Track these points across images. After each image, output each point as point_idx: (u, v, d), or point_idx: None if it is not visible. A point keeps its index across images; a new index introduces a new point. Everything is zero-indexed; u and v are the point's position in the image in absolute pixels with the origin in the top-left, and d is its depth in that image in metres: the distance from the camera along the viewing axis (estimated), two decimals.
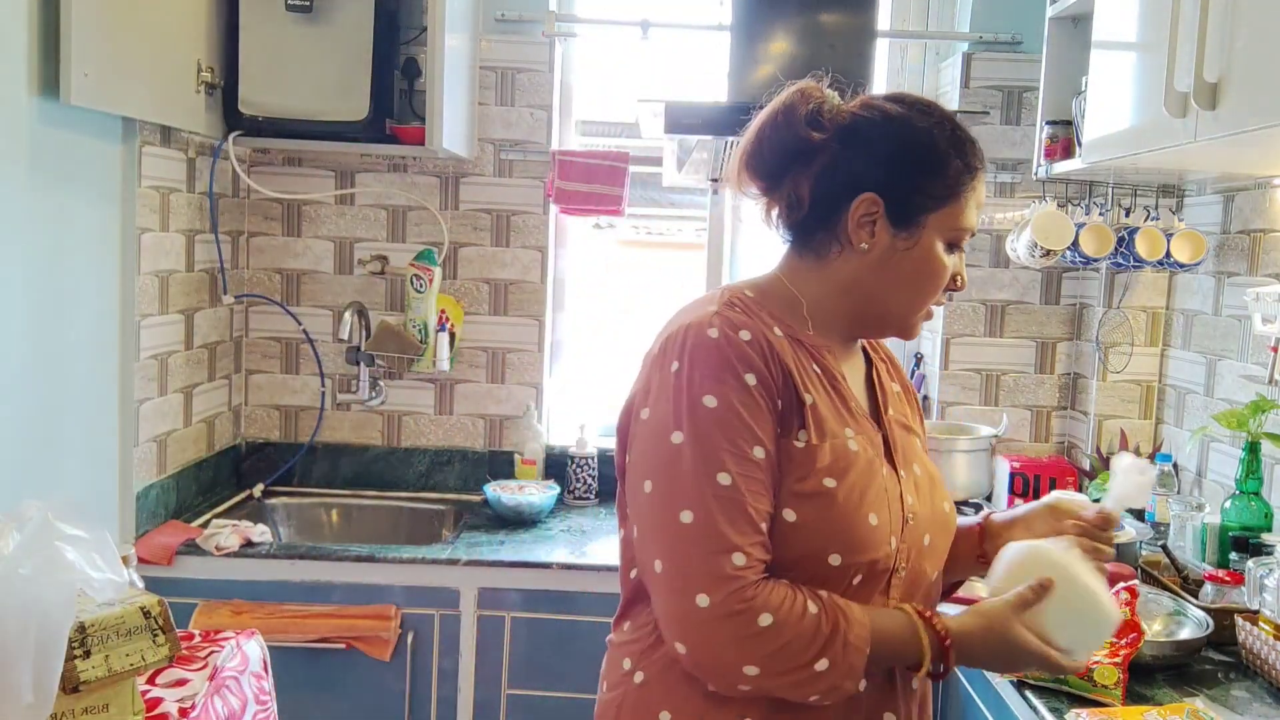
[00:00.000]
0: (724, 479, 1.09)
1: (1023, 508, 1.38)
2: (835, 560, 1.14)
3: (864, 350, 1.33)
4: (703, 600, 1.07)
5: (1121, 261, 2.46)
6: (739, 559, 1.08)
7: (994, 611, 1.18)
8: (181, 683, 1.45)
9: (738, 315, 1.17)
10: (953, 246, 1.21)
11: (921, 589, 1.25)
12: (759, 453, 1.11)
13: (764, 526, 1.11)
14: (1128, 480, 1.34)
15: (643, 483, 1.14)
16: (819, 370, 1.20)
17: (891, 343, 1.41)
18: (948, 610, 1.24)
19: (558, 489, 2.69)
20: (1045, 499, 1.37)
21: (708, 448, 1.10)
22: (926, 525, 1.25)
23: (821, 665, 1.08)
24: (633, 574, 1.23)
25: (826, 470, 1.14)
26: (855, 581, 1.17)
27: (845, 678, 1.10)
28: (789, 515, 1.13)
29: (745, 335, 1.15)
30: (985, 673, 1.87)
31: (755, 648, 1.07)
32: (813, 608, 1.09)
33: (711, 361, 1.12)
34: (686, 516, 1.09)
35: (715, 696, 1.15)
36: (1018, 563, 1.22)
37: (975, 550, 1.36)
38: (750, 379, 1.12)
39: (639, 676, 1.21)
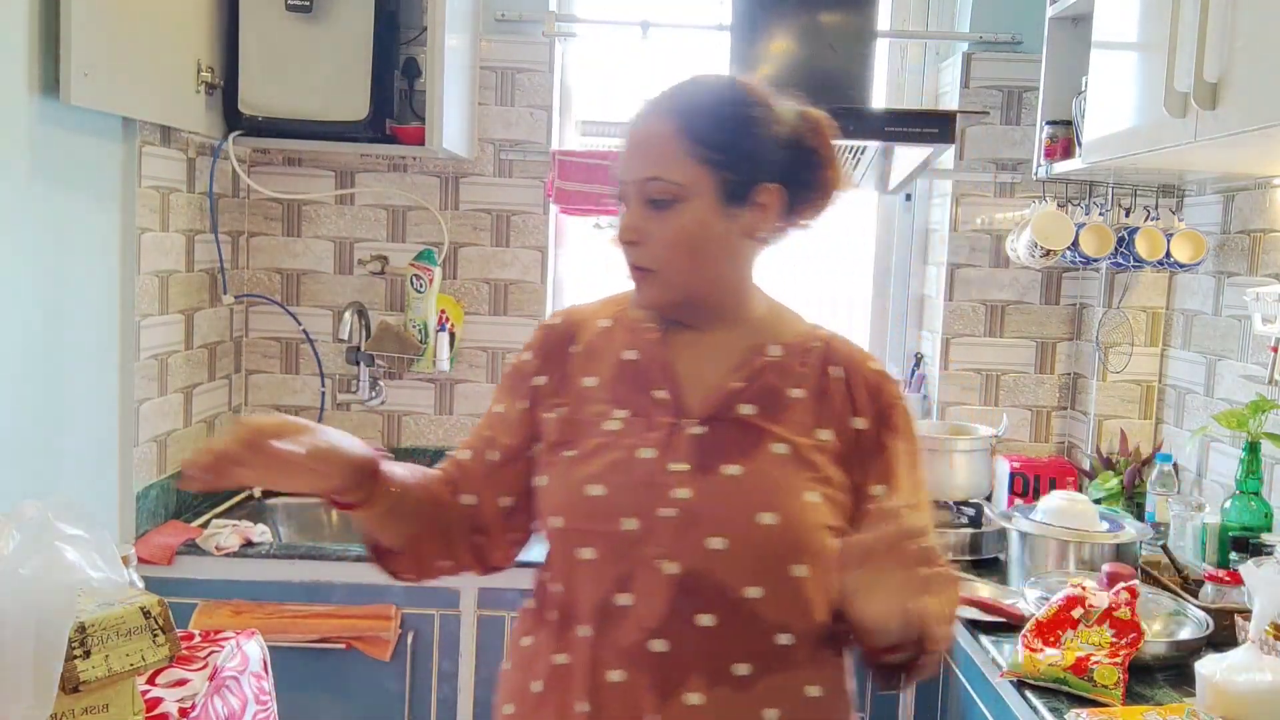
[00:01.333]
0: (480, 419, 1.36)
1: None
2: (557, 523, 1.23)
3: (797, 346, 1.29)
4: None
5: (1121, 261, 2.46)
6: (442, 461, 1.35)
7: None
8: (181, 683, 1.45)
9: (581, 306, 1.37)
10: (620, 199, 1.25)
11: (728, 603, 1.17)
12: (498, 408, 1.33)
13: (467, 452, 1.32)
14: None
15: None
16: (635, 355, 1.27)
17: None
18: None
19: None
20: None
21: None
22: (713, 527, 1.17)
23: None
24: None
25: (570, 442, 1.24)
26: (587, 556, 1.20)
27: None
28: (539, 480, 1.27)
29: (556, 320, 1.35)
30: (985, 672, 1.87)
31: None
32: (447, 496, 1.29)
33: (527, 339, 1.36)
34: None
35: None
36: None
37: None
38: (526, 356, 1.33)
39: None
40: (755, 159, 1.22)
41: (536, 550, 1.33)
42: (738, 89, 1.25)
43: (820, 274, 3.14)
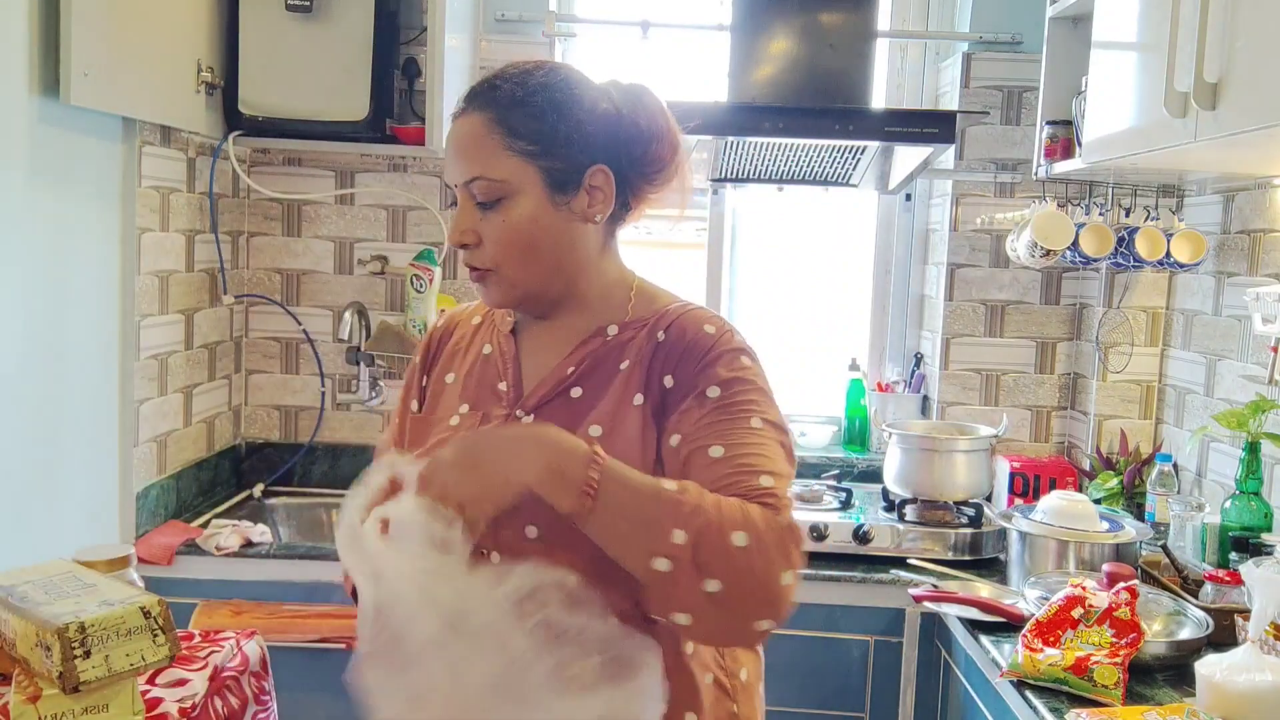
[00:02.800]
0: None
1: None
2: None
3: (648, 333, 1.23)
4: None
5: (1121, 261, 2.46)
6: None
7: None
8: (181, 683, 1.45)
9: (469, 305, 1.40)
10: (454, 203, 1.24)
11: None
12: (396, 418, 1.37)
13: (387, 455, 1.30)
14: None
15: None
16: (490, 349, 1.30)
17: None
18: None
19: None
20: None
21: None
22: (527, 516, 1.13)
23: None
24: None
25: (419, 441, 1.28)
26: None
27: None
28: None
29: (440, 322, 1.38)
30: (985, 672, 1.87)
31: None
32: None
33: None
34: None
35: None
36: None
37: None
38: (415, 359, 1.38)
39: None
40: (576, 143, 1.19)
41: None
42: (549, 73, 1.21)
43: (820, 274, 3.15)
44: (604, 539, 1.04)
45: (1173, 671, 1.67)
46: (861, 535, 2.35)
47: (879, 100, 2.83)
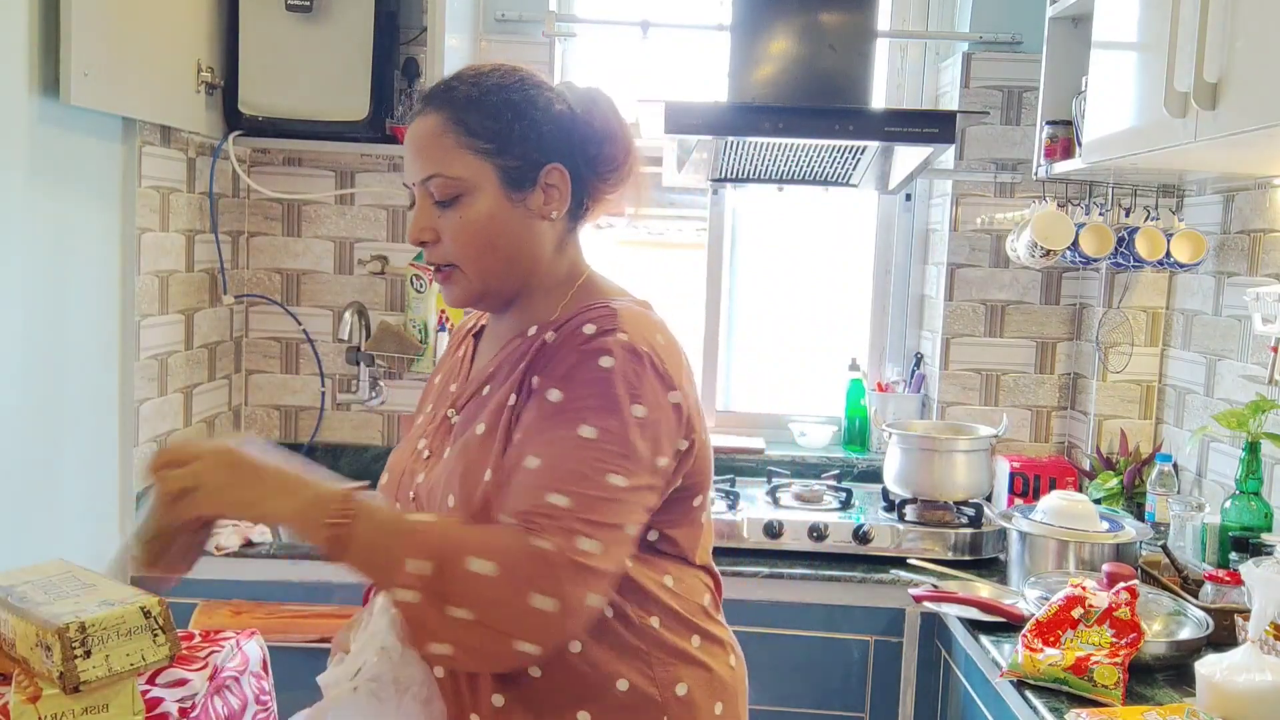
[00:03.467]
0: None
1: None
2: None
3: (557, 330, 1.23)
4: None
5: (1121, 261, 2.46)
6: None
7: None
8: (181, 683, 1.45)
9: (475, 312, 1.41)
10: (412, 203, 1.25)
11: None
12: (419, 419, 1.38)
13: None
14: None
15: None
16: (463, 351, 1.36)
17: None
18: None
19: None
20: None
21: None
22: (429, 510, 1.22)
23: None
24: None
25: (400, 438, 1.35)
26: None
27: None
28: None
29: (467, 322, 1.42)
30: (985, 672, 1.87)
31: None
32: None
33: None
34: None
35: None
36: None
37: None
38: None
39: None
40: (531, 142, 1.21)
41: None
42: (505, 75, 1.23)
43: (820, 274, 3.15)
44: (361, 574, 1.10)
45: (1173, 671, 1.67)
46: (861, 535, 2.35)
47: (879, 100, 2.83)
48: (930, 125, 2.37)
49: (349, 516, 1.07)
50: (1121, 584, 1.72)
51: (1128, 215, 2.48)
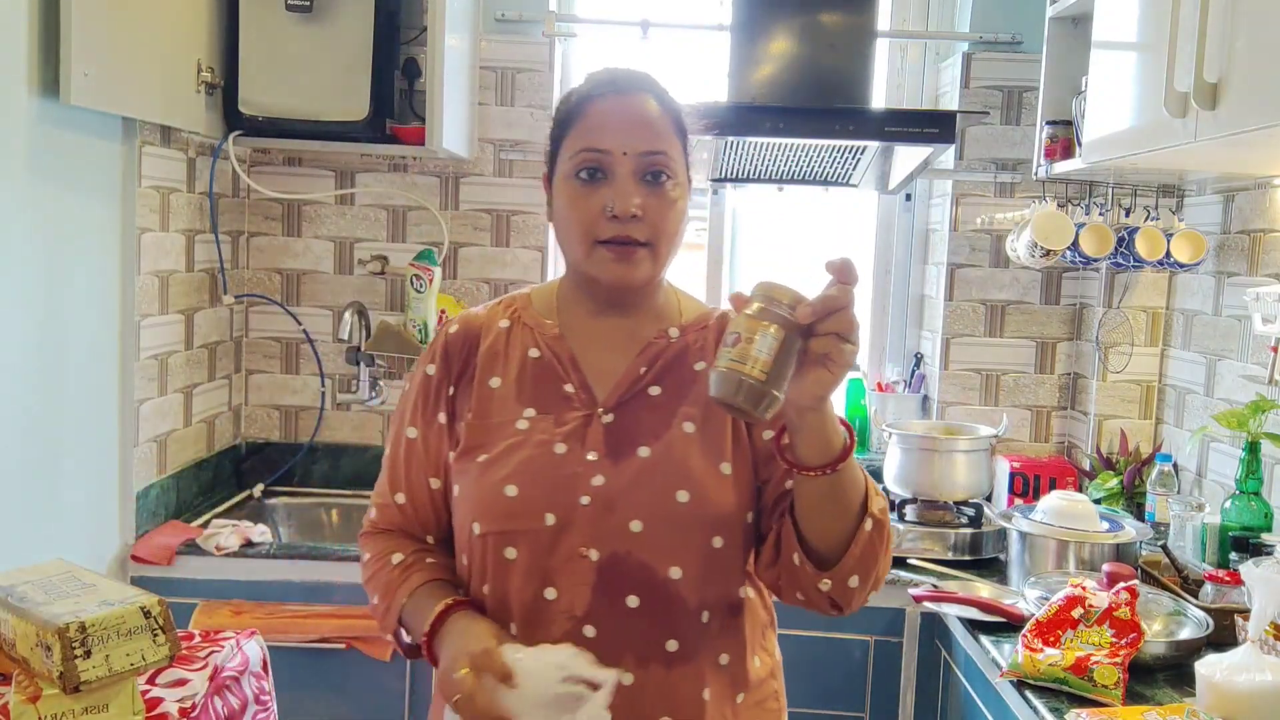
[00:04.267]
0: (389, 449, 1.34)
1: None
2: (477, 529, 1.24)
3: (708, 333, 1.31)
4: None
5: (1121, 261, 2.46)
6: (372, 512, 1.36)
7: (479, 633, 1.15)
8: (181, 683, 1.45)
9: (476, 311, 1.36)
10: (592, 172, 1.22)
11: (652, 582, 1.19)
12: (411, 433, 1.31)
13: (401, 494, 1.32)
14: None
15: None
16: (538, 353, 1.29)
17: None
18: None
19: None
20: None
21: (394, 422, 1.35)
22: (631, 511, 1.20)
23: (377, 601, 1.30)
24: None
25: (481, 446, 1.25)
26: (511, 555, 1.21)
27: (382, 622, 1.29)
28: (455, 488, 1.28)
29: (454, 329, 1.33)
30: (985, 672, 1.87)
31: (362, 575, 1.34)
32: (396, 558, 1.29)
33: (424, 352, 1.35)
34: (381, 472, 1.37)
35: None
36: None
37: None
38: (430, 369, 1.32)
39: None
40: (689, 138, 1.29)
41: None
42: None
43: (820, 274, 3.15)
44: (831, 496, 1.13)
45: (1173, 671, 1.67)
46: None
47: (879, 100, 2.83)
48: (930, 125, 2.37)
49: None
50: (1121, 584, 1.72)
51: (1128, 215, 2.48)
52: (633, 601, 1.19)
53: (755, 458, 1.25)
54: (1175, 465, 2.46)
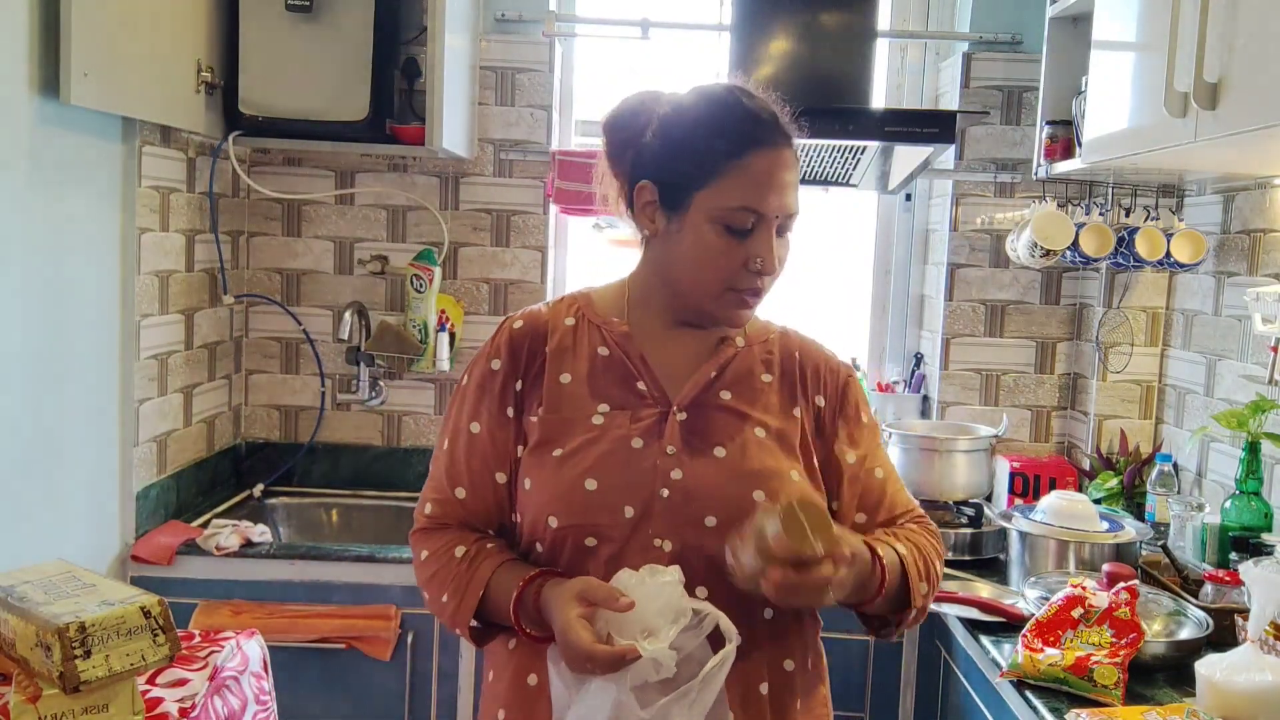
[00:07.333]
0: (446, 444, 1.34)
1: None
2: (554, 523, 1.25)
3: (754, 338, 1.38)
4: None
5: (1121, 261, 2.46)
6: (427, 508, 1.35)
7: (574, 581, 1.18)
8: (181, 683, 1.45)
9: (542, 307, 1.37)
10: (745, 230, 1.23)
11: (722, 576, 1.20)
12: (475, 427, 1.31)
13: (461, 489, 1.31)
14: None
15: None
16: (607, 351, 1.31)
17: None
18: None
19: None
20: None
21: (450, 416, 1.35)
22: (708, 507, 1.24)
23: (446, 599, 1.28)
24: None
25: (556, 441, 1.27)
26: (590, 545, 1.23)
27: (453, 618, 1.28)
28: (526, 483, 1.28)
29: (519, 325, 1.34)
30: (985, 672, 1.87)
31: (419, 574, 1.34)
32: (459, 551, 1.28)
33: (484, 346, 1.35)
34: (432, 467, 1.37)
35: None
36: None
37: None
38: (495, 364, 1.32)
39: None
40: None
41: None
42: None
43: (820, 274, 3.15)
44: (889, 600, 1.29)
45: (1173, 671, 1.67)
46: None
47: (879, 100, 2.83)
48: (930, 125, 2.37)
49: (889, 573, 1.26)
50: (1121, 584, 1.72)
51: (1128, 215, 2.48)
52: (701, 593, 1.21)
53: (823, 470, 1.34)
54: (1175, 465, 2.46)
